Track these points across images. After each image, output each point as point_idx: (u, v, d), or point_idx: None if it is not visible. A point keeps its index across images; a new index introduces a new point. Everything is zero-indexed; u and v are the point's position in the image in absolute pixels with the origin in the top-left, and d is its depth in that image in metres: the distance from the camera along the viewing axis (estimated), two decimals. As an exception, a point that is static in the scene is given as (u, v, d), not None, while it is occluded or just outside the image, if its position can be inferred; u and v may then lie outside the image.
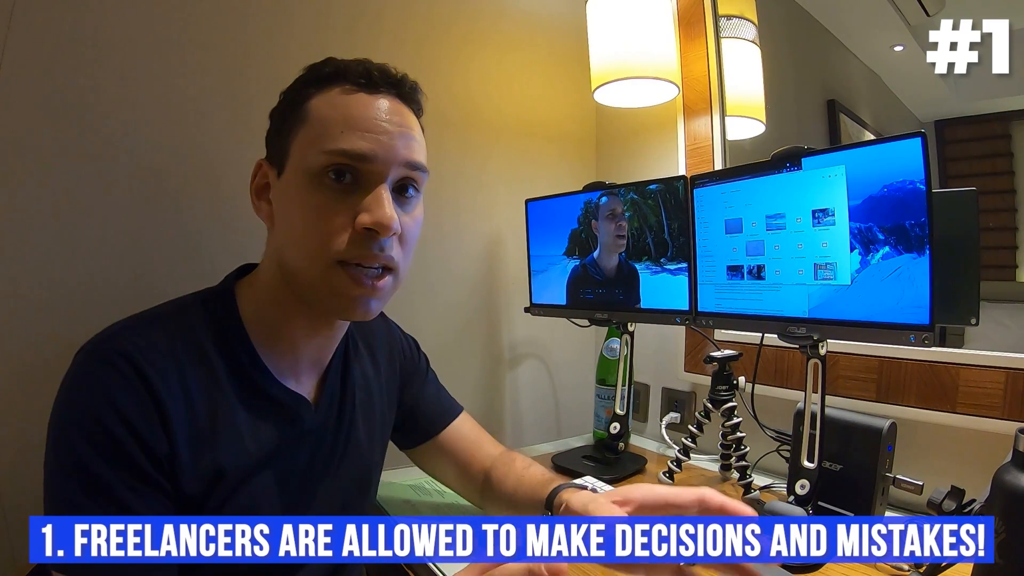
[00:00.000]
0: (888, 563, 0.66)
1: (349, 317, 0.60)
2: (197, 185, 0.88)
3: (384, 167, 0.55)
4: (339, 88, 0.57)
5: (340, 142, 0.54)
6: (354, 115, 0.56)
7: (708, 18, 1.11)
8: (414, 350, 0.84)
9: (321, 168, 0.54)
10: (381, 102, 0.57)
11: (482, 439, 0.83)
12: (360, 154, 0.54)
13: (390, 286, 0.59)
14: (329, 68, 0.58)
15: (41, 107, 0.77)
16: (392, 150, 0.56)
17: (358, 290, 0.56)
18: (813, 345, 0.73)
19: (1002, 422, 0.73)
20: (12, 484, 0.75)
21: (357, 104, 0.56)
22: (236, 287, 0.62)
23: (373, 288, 0.56)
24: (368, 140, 0.55)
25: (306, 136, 0.56)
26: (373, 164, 0.55)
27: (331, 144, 0.54)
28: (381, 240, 0.55)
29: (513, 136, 1.26)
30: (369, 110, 0.56)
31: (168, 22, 0.85)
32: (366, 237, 0.54)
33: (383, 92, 0.58)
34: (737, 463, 0.87)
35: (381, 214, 0.54)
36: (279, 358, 0.61)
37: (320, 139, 0.55)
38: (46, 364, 0.76)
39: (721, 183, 0.83)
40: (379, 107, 0.57)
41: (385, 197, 0.55)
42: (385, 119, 0.56)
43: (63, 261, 0.79)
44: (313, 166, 0.55)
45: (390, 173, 0.56)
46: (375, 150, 0.55)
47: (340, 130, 0.54)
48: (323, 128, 0.55)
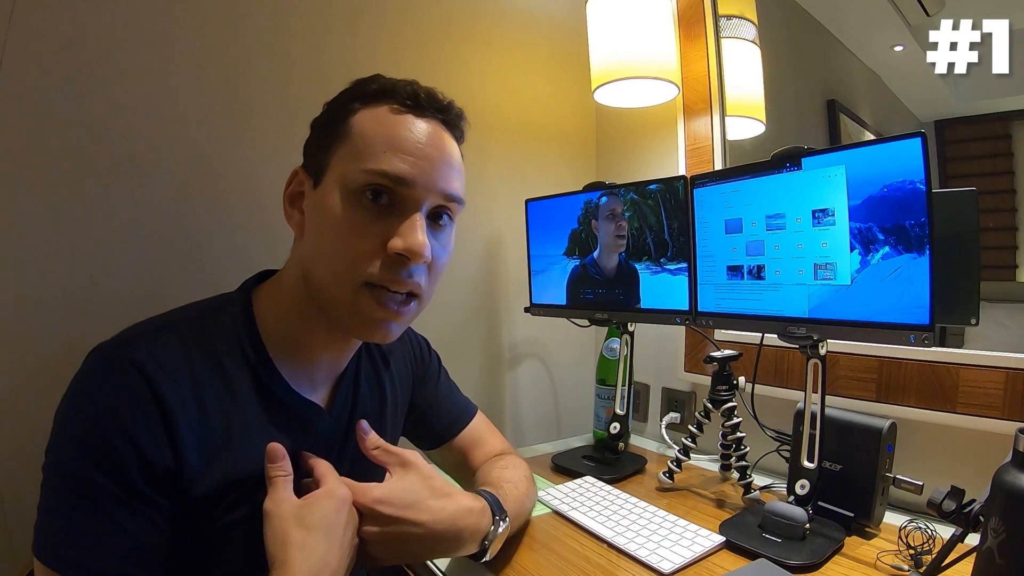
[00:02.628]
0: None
1: (368, 339, 0.60)
2: (198, 186, 0.88)
3: (422, 194, 0.55)
4: (386, 107, 0.57)
5: (382, 163, 0.54)
6: (398, 136, 0.55)
7: (708, 18, 1.12)
8: (425, 351, 0.84)
9: (360, 187, 0.54)
10: (426, 127, 0.57)
11: (487, 438, 0.83)
12: (400, 177, 0.54)
13: (413, 312, 0.59)
14: (376, 85, 0.58)
15: (41, 107, 0.77)
16: (431, 178, 0.56)
17: (382, 313, 0.56)
18: (813, 345, 0.73)
19: (1002, 422, 0.73)
20: (12, 484, 0.75)
21: (402, 126, 0.56)
22: (254, 293, 0.62)
23: (397, 313, 0.56)
24: (409, 164, 0.54)
25: (347, 151, 0.56)
26: (411, 189, 0.55)
27: (372, 164, 0.54)
28: (411, 267, 0.55)
29: (513, 136, 1.26)
30: (413, 133, 0.56)
31: (168, 22, 0.85)
32: (396, 262, 0.54)
33: (429, 116, 0.58)
34: (737, 463, 0.87)
35: (414, 241, 0.53)
36: (295, 366, 0.61)
37: (361, 157, 0.54)
38: (46, 365, 0.77)
39: (721, 183, 0.83)
40: (423, 131, 0.57)
41: (419, 224, 0.55)
42: (428, 144, 0.56)
43: (63, 262, 0.79)
44: (352, 183, 0.54)
45: (427, 200, 0.56)
46: (415, 176, 0.54)
47: (383, 150, 0.54)
48: (365, 145, 0.55)
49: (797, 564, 0.65)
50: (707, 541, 0.71)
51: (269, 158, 0.90)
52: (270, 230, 0.85)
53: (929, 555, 0.64)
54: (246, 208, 0.92)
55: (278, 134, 0.92)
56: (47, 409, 0.51)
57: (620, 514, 0.80)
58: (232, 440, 0.54)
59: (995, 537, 0.48)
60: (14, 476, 0.75)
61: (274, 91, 0.94)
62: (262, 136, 0.92)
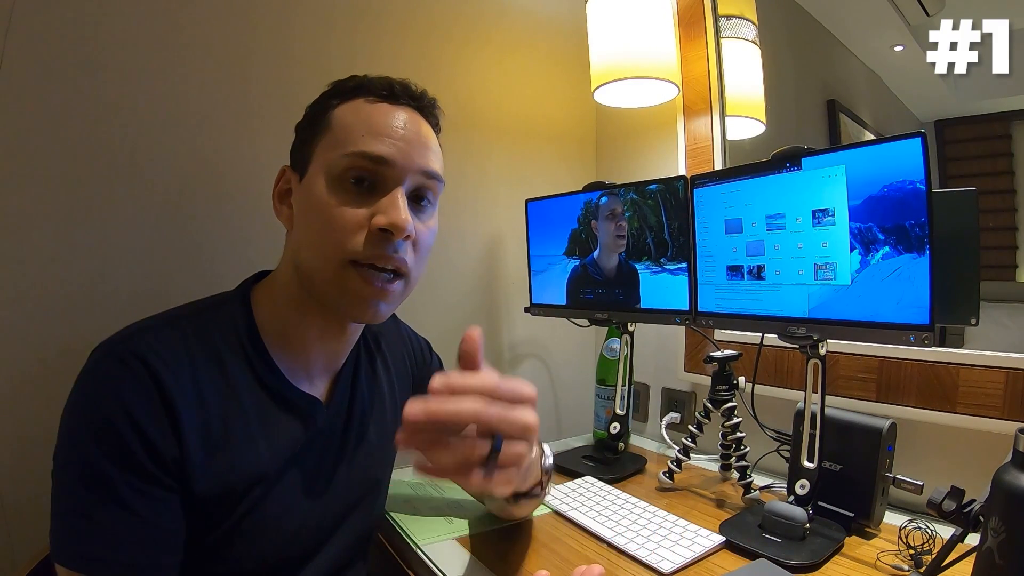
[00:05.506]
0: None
1: (359, 318, 0.61)
2: (198, 186, 0.88)
3: (401, 172, 0.58)
4: (362, 99, 0.60)
5: (361, 145, 0.57)
6: (375, 122, 0.58)
7: (708, 18, 1.12)
8: (426, 352, 0.84)
9: (342, 171, 0.57)
10: (401, 113, 0.60)
11: None
12: (379, 156, 0.56)
13: (400, 291, 0.60)
14: (353, 82, 0.62)
15: (41, 107, 0.77)
16: (409, 156, 0.58)
17: (369, 291, 0.57)
18: (813, 345, 0.73)
19: (1002, 422, 0.73)
20: (12, 484, 0.75)
21: (378, 112, 0.59)
22: (252, 291, 0.63)
23: (384, 291, 0.58)
24: (387, 145, 0.57)
25: (328, 142, 0.58)
26: (391, 168, 0.57)
27: (352, 147, 0.57)
28: (395, 242, 0.57)
29: (513, 136, 1.26)
30: (389, 118, 0.59)
31: (169, 22, 0.85)
32: (380, 238, 0.56)
33: (403, 104, 0.61)
34: (737, 463, 0.87)
35: (396, 215, 0.56)
36: (292, 360, 0.62)
37: (342, 143, 0.57)
38: (46, 366, 0.77)
39: (721, 183, 0.83)
40: (399, 117, 0.60)
41: (400, 200, 0.57)
42: (404, 128, 0.59)
43: (63, 262, 0.79)
44: (334, 169, 0.57)
45: (406, 179, 0.58)
46: (393, 155, 0.57)
47: (361, 134, 0.57)
48: (345, 133, 0.58)
49: (797, 564, 0.65)
50: (707, 541, 0.71)
51: (270, 158, 0.89)
52: (271, 230, 0.84)
53: (929, 555, 0.64)
54: (247, 208, 0.92)
55: (279, 134, 0.91)
56: (47, 409, 0.52)
57: (620, 514, 0.80)
58: (231, 434, 0.55)
59: (995, 537, 0.48)
60: (14, 476, 0.75)
61: (275, 91, 0.94)
62: (263, 136, 0.92)
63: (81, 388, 0.51)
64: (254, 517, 0.56)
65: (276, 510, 0.58)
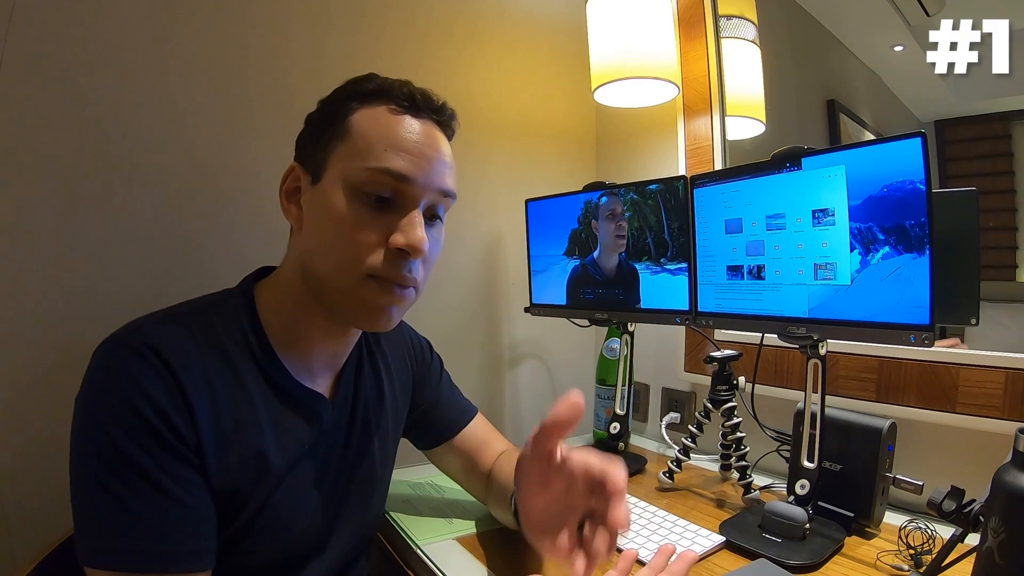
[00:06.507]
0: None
1: (371, 327, 0.61)
2: (197, 186, 0.88)
3: (421, 191, 0.57)
4: (384, 107, 0.58)
5: (384, 161, 0.56)
6: (398, 136, 0.57)
7: (708, 18, 1.11)
8: (427, 351, 0.84)
9: (362, 183, 0.56)
10: (422, 127, 0.59)
11: (492, 439, 0.84)
12: (402, 175, 0.56)
13: (411, 299, 0.60)
14: (373, 85, 0.60)
15: (41, 107, 0.77)
16: (429, 175, 0.58)
17: (385, 299, 0.57)
18: (813, 345, 0.73)
19: (1002, 422, 0.73)
20: (12, 484, 0.75)
21: (401, 126, 0.58)
22: (255, 288, 0.63)
23: (400, 296, 0.58)
24: (409, 162, 0.56)
25: (347, 149, 0.57)
26: (411, 186, 0.57)
27: (375, 162, 0.55)
28: (411, 261, 0.57)
29: (513, 136, 1.26)
30: (412, 134, 0.58)
31: (168, 22, 0.85)
32: (397, 256, 0.56)
33: (424, 117, 0.60)
34: (737, 463, 0.87)
35: (414, 237, 0.56)
36: (296, 358, 0.62)
37: (363, 155, 0.56)
38: (46, 366, 0.77)
39: (721, 183, 0.83)
40: (421, 132, 0.59)
41: (418, 220, 0.57)
42: (425, 144, 0.58)
43: (62, 263, 0.79)
44: (354, 181, 0.56)
45: (424, 197, 0.58)
46: (415, 173, 0.56)
47: (383, 148, 0.56)
48: (366, 144, 0.56)
49: (797, 564, 0.65)
50: (707, 541, 0.71)
51: (269, 158, 0.90)
52: (270, 230, 0.85)
53: (929, 555, 0.64)
54: (245, 209, 0.92)
55: (278, 134, 0.91)
56: (47, 410, 0.51)
57: (620, 514, 0.79)
58: (241, 428, 0.55)
59: (995, 537, 0.48)
60: (14, 477, 0.75)
61: (274, 91, 0.94)
62: (262, 136, 0.92)
63: (96, 381, 0.51)
64: (264, 515, 0.56)
65: (286, 508, 0.58)
